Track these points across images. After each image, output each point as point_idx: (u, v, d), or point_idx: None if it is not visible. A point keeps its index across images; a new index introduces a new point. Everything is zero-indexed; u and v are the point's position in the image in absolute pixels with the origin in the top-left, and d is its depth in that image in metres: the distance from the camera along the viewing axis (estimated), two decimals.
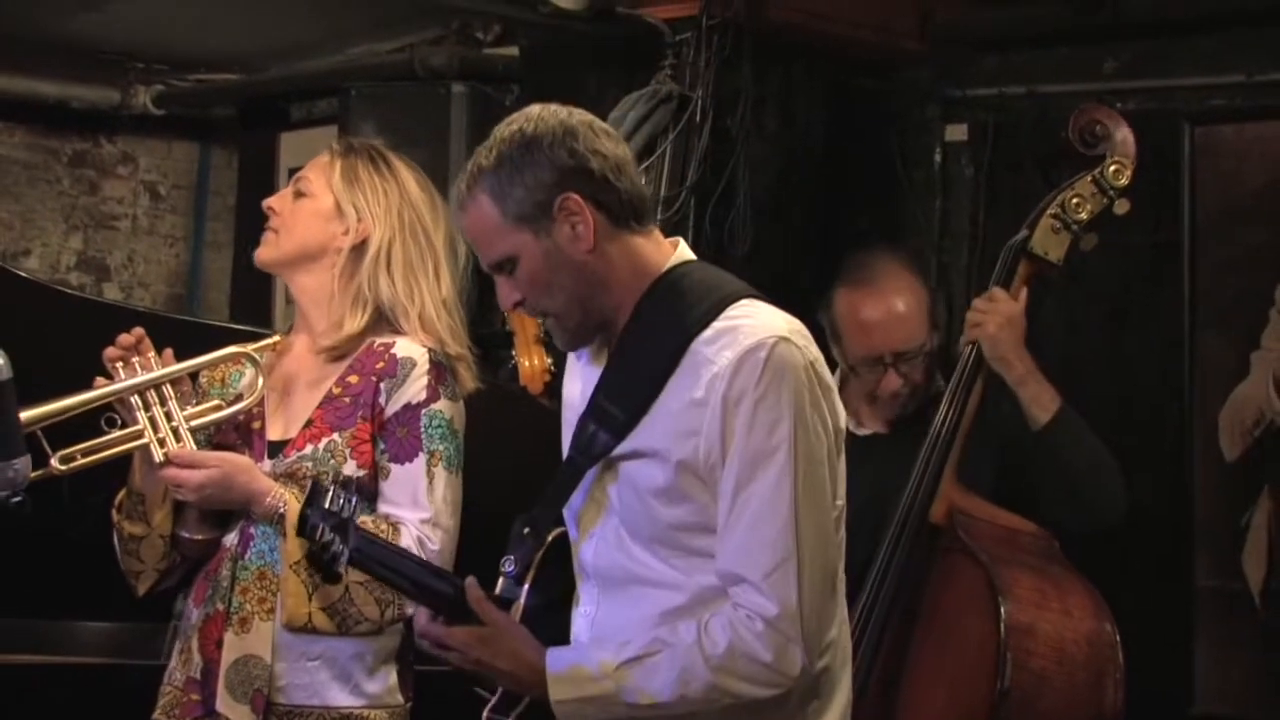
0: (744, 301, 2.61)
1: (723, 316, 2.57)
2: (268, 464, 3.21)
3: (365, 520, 3.09)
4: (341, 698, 3.16)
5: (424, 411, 3.19)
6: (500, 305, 2.70)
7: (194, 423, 3.21)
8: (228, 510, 3.22)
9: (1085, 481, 3.64)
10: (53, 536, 3.17)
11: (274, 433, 3.26)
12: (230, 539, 3.23)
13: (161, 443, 3.16)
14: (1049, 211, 3.72)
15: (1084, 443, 3.67)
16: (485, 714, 2.69)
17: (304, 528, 2.59)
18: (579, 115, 2.63)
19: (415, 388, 3.19)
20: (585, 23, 5.17)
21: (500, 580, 2.69)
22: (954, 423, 3.63)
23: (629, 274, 2.62)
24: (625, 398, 2.61)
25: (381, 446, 3.19)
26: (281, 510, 3.12)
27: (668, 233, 2.74)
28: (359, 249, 3.25)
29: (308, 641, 3.15)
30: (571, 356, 2.78)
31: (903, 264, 3.82)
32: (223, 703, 3.15)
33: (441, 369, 3.22)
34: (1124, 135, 3.73)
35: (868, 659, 3.53)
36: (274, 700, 3.14)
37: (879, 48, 5.37)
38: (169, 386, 3.20)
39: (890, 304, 3.71)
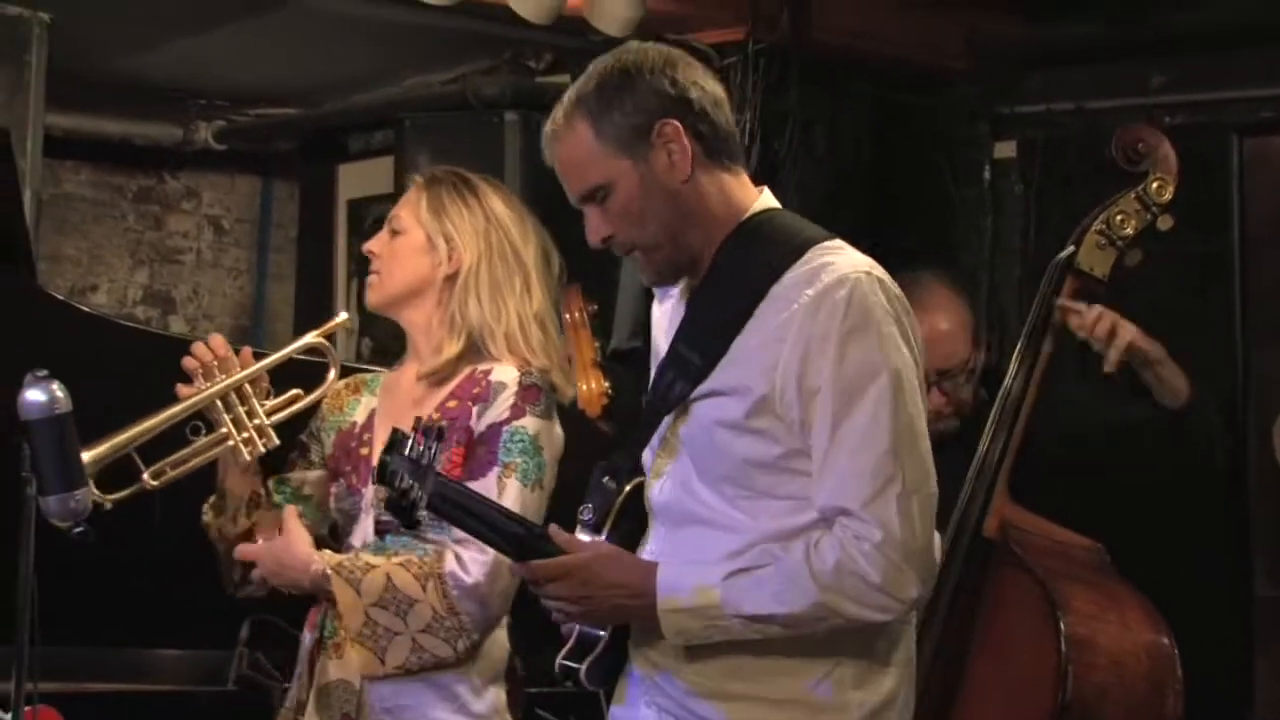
0: (826, 244, 2.60)
1: (803, 260, 2.56)
2: (370, 489, 3.25)
3: (411, 558, 3.15)
4: (448, 715, 3.18)
5: (505, 428, 3.20)
6: (589, 239, 2.68)
7: (275, 417, 3.26)
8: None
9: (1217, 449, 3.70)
10: (119, 564, 3.23)
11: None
12: None
13: (247, 442, 3.22)
14: (1094, 228, 3.74)
15: (1217, 422, 3.72)
16: (558, 661, 2.67)
17: (383, 474, 2.58)
18: (677, 51, 2.65)
19: (501, 408, 3.21)
20: None
21: (578, 528, 2.68)
22: (1005, 438, 3.65)
23: (719, 210, 2.62)
24: (703, 343, 2.59)
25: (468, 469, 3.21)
26: (327, 582, 3.14)
27: None
28: (453, 276, 3.30)
29: None
30: (657, 302, 2.77)
31: (945, 282, 3.84)
32: None
33: (533, 390, 3.23)
34: (1166, 152, 3.75)
35: (923, 674, 3.54)
36: None
37: (925, 67, 5.40)
38: (248, 385, 3.25)
39: (933, 322, 3.73)
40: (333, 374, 3.34)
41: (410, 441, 2.60)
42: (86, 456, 3.02)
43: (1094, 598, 3.53)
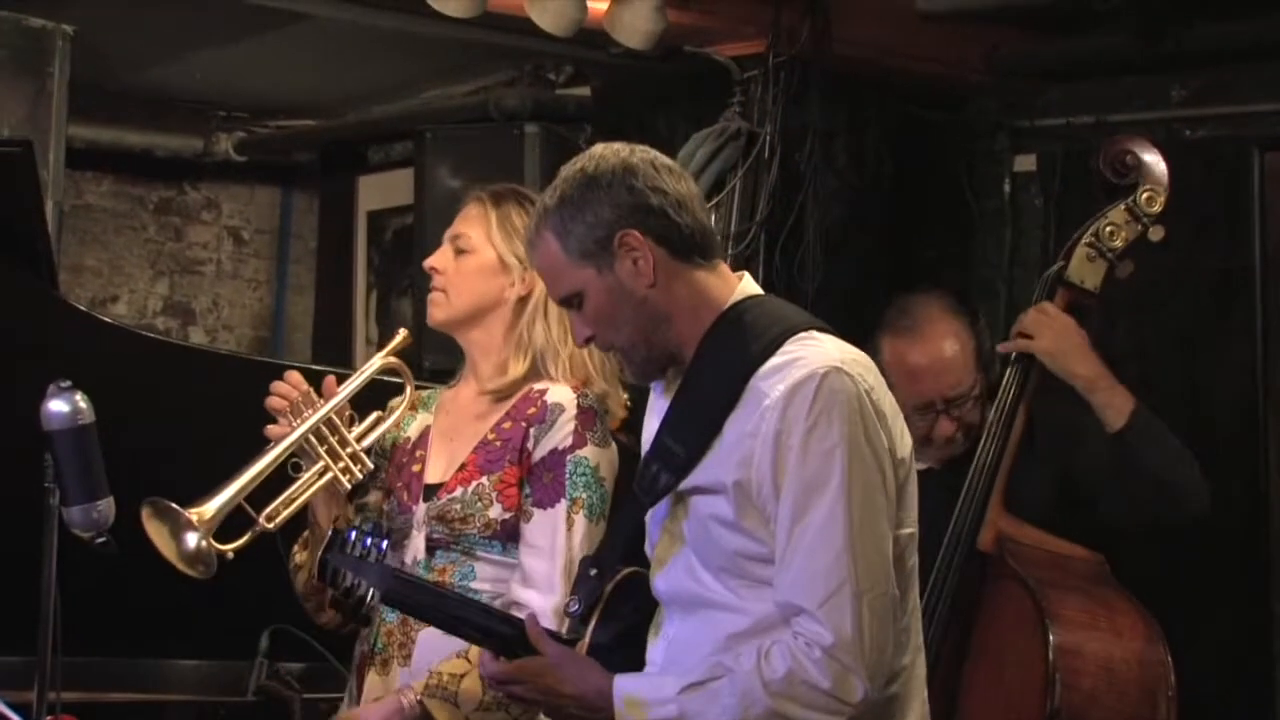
0: (803, 334, 2.64)
1: (781, 351, 2.61)
2: (422, 506, 3.25)
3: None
4: None
5: (570, 457, 3.19)
6: (574, 341, 2.77)
7: (365, 442, 3.27)
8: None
9: (1169, 477, 3.64)
10: (140, 575, 3.23)
11: (433, 476, 3.30)
12: None
13: (344, 471, 3.23)
14: (1083, 240, 3.73)
15: (1163, 440, 3.67)
16: None
17: (323, 572, 2.67)
18: (641, 153, 2.69)
19: (562, 433, 3.20)
20: (654, 62, 5.23)
21: (566, 621, 2.76)
22: (998, 451, 3.65)
23: (693, 308, 2.67)
24: (687, 435, 2.65)
25: (527, 490, 3.20)
26: (421, 708, 3.11)
27: (737, 267, 2.78)
28: (525, 299, 3.30)
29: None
30: (653, 393, 2.81)
31: (945, 307, 3.82)
32: None
33: (590, 414, 3.22)
34: (1156, 162, 3.74)
35: None
36: None
37: (946, 80, 5.40)
38: (335, 417, 3.25)
39: (937, 350, 3.73)
40: (409, 391, 3.33)
41: (352, 540, 2.65)
42: (209, 510, 3.08)
43: (1086, 606, 3.54)
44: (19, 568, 2.87)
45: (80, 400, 2.80)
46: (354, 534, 2.65)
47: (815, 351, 2.60)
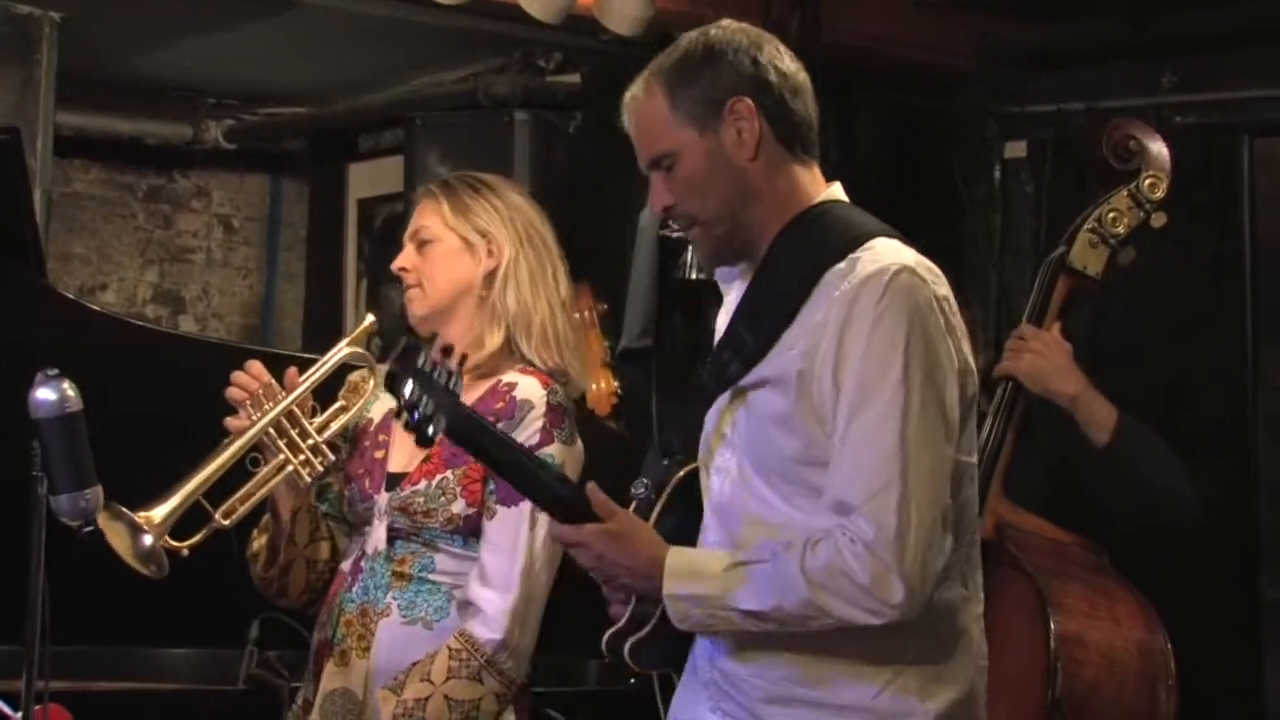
0: (882, 239, 2.58)
1: (860, 249, 2.55)
2: (384, 495, 3.23)
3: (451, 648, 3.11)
4: None
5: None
6: (651, 207, 2.69)
7: (326, 434, 3.23)
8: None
9: (1157, 488, 3.65)
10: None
11: (396, 464, 3.27)
12: (345, 566, 3.26)
13: (305, 464, 3.19)
14: (1086, 226, 3.73)
15: (1149, 450, 3.67)
16: (605, 638, 2.66)
17: (391, 385, 2.50)
18: (767, 35, 2.66)
19: (529, 431, 3.18)
20: (644, 49, 5.22)
21: (632, 504, 2.67)
22: (998, 439, 3.65)
23: (782, 195, 2.62)
24: (759, 325, 2.59)
25: (491, 487, 3.17)
26: None
27: None
28: (493, 272, 3.29)
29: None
30: (725, 290, 2.75)
31: None
32: None
33: (559, 411, 3.21)
34: (1159, 149, 3.74)
35: None
36: None
37: (936, 68, 5.40)
38: (297, 408, 3.21)
39: None
40: (373, 382, 3.30)
41: (424, 355, 2.51)
42: (159, 514, 3.06)
43: (1087, 595, 3.54)
44: (7, 556, 2.87)
45: (68, 388, 2.78)
46: (425, 353, 2.50)
47: (891, 251, 2.55)
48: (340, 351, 3.29)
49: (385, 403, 3.32)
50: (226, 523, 3.16)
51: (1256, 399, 4.82)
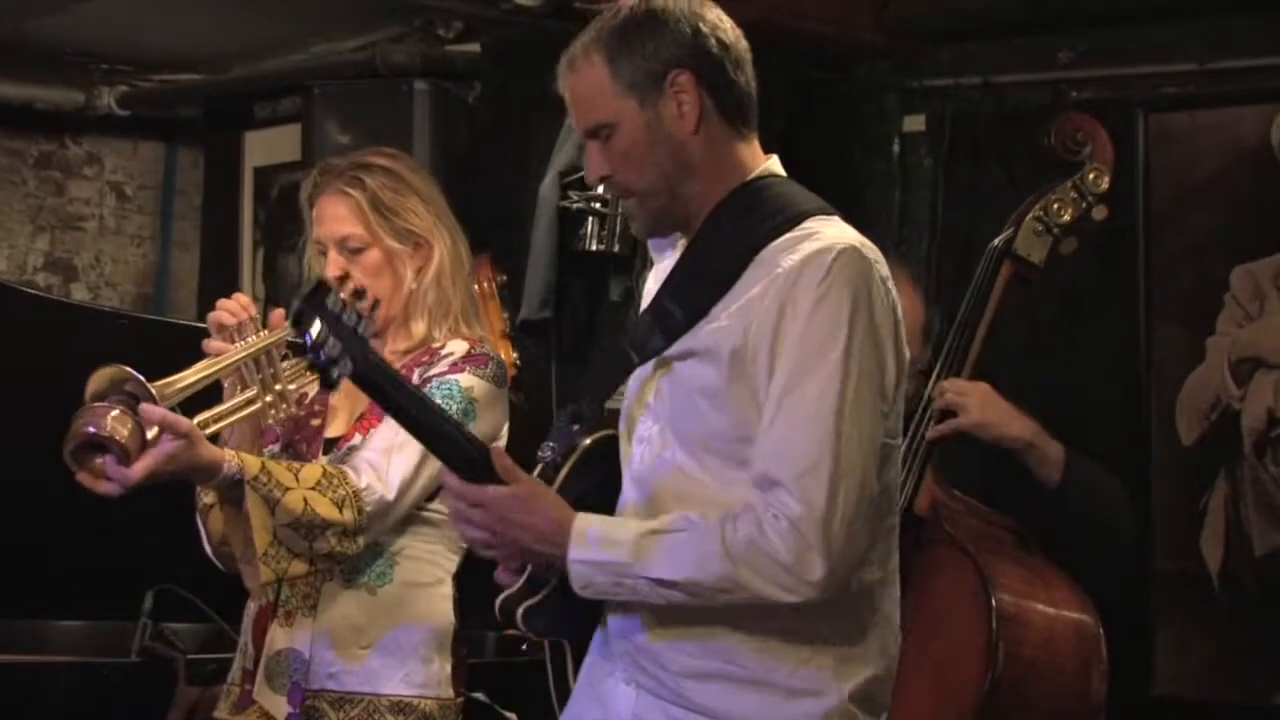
0: (822, 216, 2.58)
1: (799, 227, 2.54)
2: (323, 459, 3.23)
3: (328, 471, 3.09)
4: (392, 686, 3.17)
5: (437, 380, 3.18)
6: (587, 177, 2.67)
7: (292, 385, 3.19)
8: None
9: (1105, 522, 3.73)
10: (19, 534, 3.19)
11: (334, 430, 3.30)
12: None
13: (272, 405, 3.15)
14: (1032, 214, 3.80)
15: (1098, 485, 3.73)
16: (498, 602, 2.64)
17: (298, 321, 2.42)
18: (710, 2, 2.64)
19: (441, 366, 3.20)
20: (545, 19, 5.20)
21: (538, 466, 2.64)
22: (938, 420, 3.68)
23: (719, 169, 2.60)
24: (687, 298, 2.57)
25: None
26: (237, 471, 3.04)
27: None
28: (423, 267, 3.29)
29: (360, 630, 3.18)
30: (655, 260, 2.74)
31: (910, 275, 3.85)
32: (260, 692, 3.18)
33: (481, 357, 3.22)
34: (1104, 142, 3.84)
35: None
36: (324, 687, 3.16)
37: (836, 41, 5.40)
38: (274, 350, 3.17)
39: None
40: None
41: (332, 296, 2.44)
42: (172, 389, 2.97)
43: (1023, 576, 3.58)
44: None
45: None
46: (334, 294, 2.44)
47: (834, 230, 2.55)
48: None
49: None
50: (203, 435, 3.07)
51: (1150, 373, 4.87)
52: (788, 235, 2.53)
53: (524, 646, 4.09)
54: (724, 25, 2.62)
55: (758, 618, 2.51)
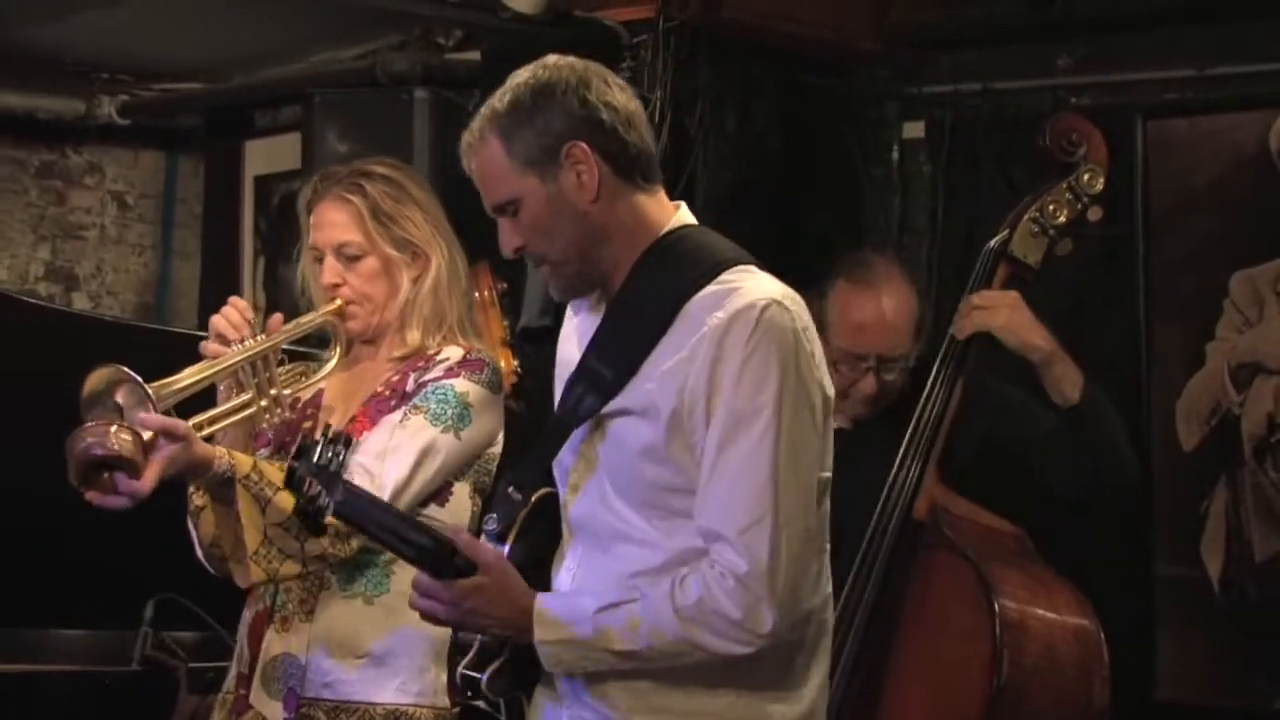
0: (740, 267, 2.63)
1: (718, 280, 2.60)
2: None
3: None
4: (388, 694, 3.19)
5: (432, 384, 3.20)
6: (501, 250, 2.71)
7: (286, 390, 3.23)
8: None
9: (1118, 449, 3.73)
10: (21, 544, 3.19)
11: None
12: None
13: (266, 410, 3.19)
14: (1028, 215, 3.81)
15: (1111, 412, 3.75)
16: (459, 672, 2.71)
17: (291, 479, 2.57)
18: (595, 67, 2.68)
19: (436, 371, 3.22)
20: (544, 26, 5.20)
21: (482, 538, 2.71)
22: (937, 418, 3.68)
23: (630, 229, 2.65)
24: (615, 358, 2.63)
25: None
26: (228, 468, 3.06)
27: None
28: (420, 277, 3.30)
29: (357, 639, 3.18)
30: (569, 315, 2.80)
31: (903, 272, 3.88)
32: (256, 697, 3.20)
33: (477, 362, 3.23)
34: (1098, 143, 3.85)
35: (850, 656, 3.55)
36: (320, 695, 3.17)
37: (835, 47, 5.41)
38: (271, 354, 3.21)
39: (886, 307, 3.78)
40: (339, 351, 3.30)
41: (319, 448, 2.58)
42: (169, 390, 3.00)
43: (1024, 582, 3.58)
44: None
45: None
46: (321, 443, 2.59)
47: (754, 283, 2.60)
48: (320, 316, 3.29)
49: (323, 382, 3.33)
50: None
51: (1150, 379, 4.87)
52: (711, 289, 2.59)
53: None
54: (611, 90, 2.66)
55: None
